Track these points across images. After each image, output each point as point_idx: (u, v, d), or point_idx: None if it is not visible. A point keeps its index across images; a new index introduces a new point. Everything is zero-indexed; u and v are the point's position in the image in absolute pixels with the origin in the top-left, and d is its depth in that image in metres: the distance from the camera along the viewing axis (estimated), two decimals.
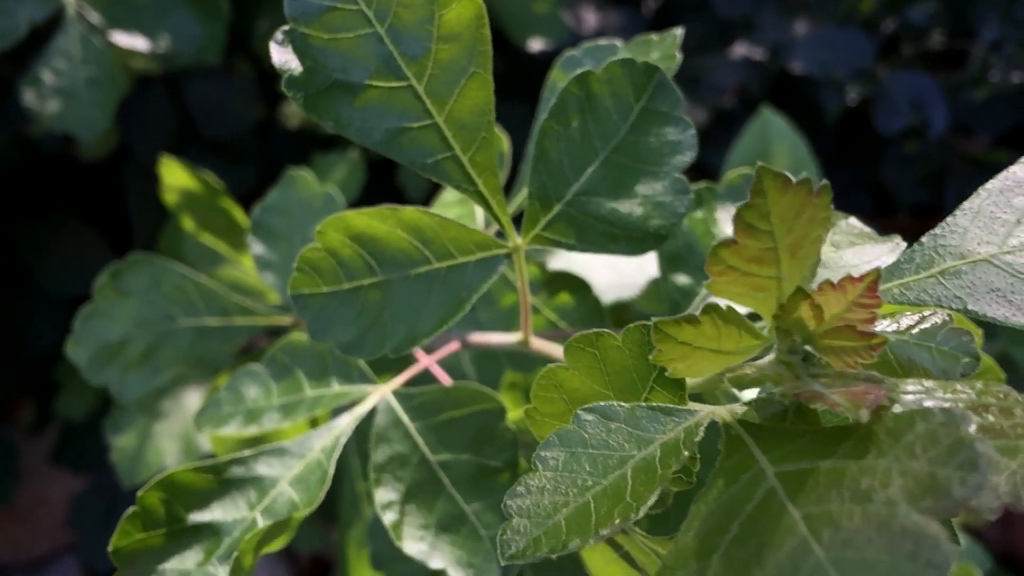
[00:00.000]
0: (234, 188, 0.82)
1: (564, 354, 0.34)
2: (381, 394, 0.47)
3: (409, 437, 0.46)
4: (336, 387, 0.49)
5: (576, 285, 0.53)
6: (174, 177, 0.74)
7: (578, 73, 0.42)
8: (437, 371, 0.50)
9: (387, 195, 0.97)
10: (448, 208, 0.61)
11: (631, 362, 0.33)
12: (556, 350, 0.45)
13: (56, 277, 1.10)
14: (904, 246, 0.37)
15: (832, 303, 0.27)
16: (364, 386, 0.49)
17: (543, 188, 0.42)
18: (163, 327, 0.64)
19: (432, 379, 0.49)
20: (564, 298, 0.53)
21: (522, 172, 0.54)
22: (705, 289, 0.29)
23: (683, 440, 0.28)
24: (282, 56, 0.38)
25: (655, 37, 0.52)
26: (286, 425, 0.49)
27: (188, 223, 0.75)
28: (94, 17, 0.80)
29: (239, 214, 0.74)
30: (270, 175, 0.79)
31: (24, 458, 1.21)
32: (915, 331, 0.30)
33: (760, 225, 0.25)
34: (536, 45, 1.09)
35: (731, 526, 0.24)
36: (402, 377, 0.48)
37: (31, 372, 1.17)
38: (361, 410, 0.46)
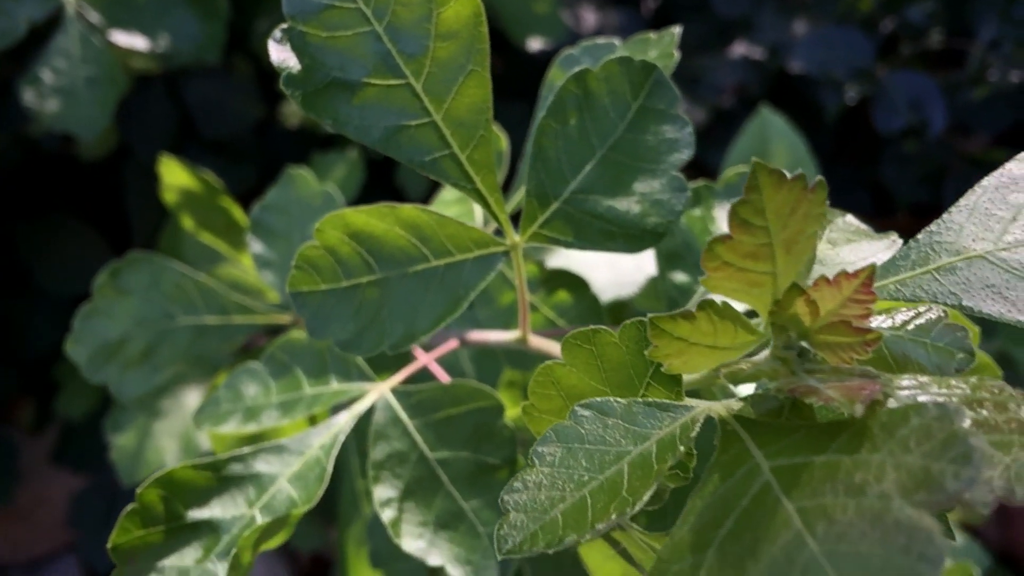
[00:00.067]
0: (234, 187, 0.82)
1: (561, 351, 0.34)
2: (380, 392, 0.47)
3: (408, 434, 0.46)
4: (335, 385, 0.49)
5: (574, 283, 0.53)
6: (173, 176, 0.74)
7: (576, 71, 0.42)
8: (435, 369, 0.50)
9: (386, 194, 0.97)
10: (447, 207, 0.61)
11: (628, 358, 0.33)
12: (554, 348, 0.45)
13: (56, 277, 1.10)
14: (900, 243, 0.37)
15: (827, 299, 0.27)
16: (363, 384, 0.49)
17: (541, 186, 0.42)
18: (162, 326, 0.64)
19: (431, 377, 0.50)
20: (562, 296, 0.53)
21: (520, 170, 0.54)
22: (702, 287, 0.30)
23: (679, 436, 0.28)
24: (280, 54, 0.38)
25: (653, 36, 0.52)
26: (285, 423, 0.49)
27: (187, 222, 0.75)
28: (93, 16, 0.80)
29: (238, 213, 0.74)
30: (269, 174, 0.79)
31: (24, 458, 1.21)
32: (910, 327, 0.30)
33: (755, 221, 0.25)
34: (535, 45, 1.09)
35: (726, 520, 0.24)
36: (401, 375, 0.49)
37: (31, 372, 1.17)
38: (360, 408, 0.46)
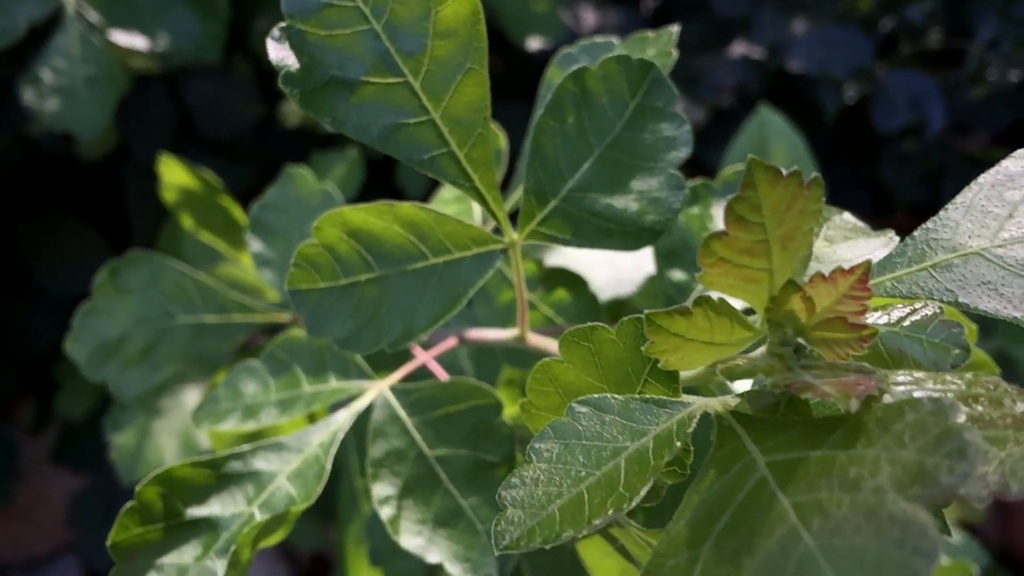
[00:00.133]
0: (233, 187, 0.82)
1: (559, 348, 0.35)
2: (378, 390, 0.47)
3: (406, 432, 0.46)
4: (334, 383, 0.50)
5: (573, 281, 0.53)
6: (173, 175, 0.74)
7: (574, 69, 0.42)
8: (434, 367, 0.50)
9: (386, 194, 0.97)
10: (446, 205, 0.61)
11: (625, 355, 0.33)
12: (552, 346, 0.46)
13: (56, 276, 1.10)
14: (897, 240, 0.37)
15: (823, 295, 0.27)
16: (361, 382, 0.49)
17: (539, 184, 0.42)
18: (162, 324, 0.64)
19: (430, 375, 0.50)
20: (561, 294, 0.53)
21: (519, 169, 0.54)
22: (700, 284, 0.30)
23: (676, 431, 0.29)
24: (279, 53, 0.39)
25: (651, 34, 0.52)
26: (284, 421, 0.49)
27: (187, 221, 0.75)
28: (93, 16, 0.80)
29: (238, 212, 0.74)
30: (269, 174, 0.79)
31: (24, 457, 1.21)
32: (906, 323, 0.30)
33: (751, 217, 0.25)
34: (535, 44, 1.09)
35: (722, 515, 0.24)
36: (399, 373, 0.49)
37: (31, 371, 1.17)
38: (359, 405, 0.47)
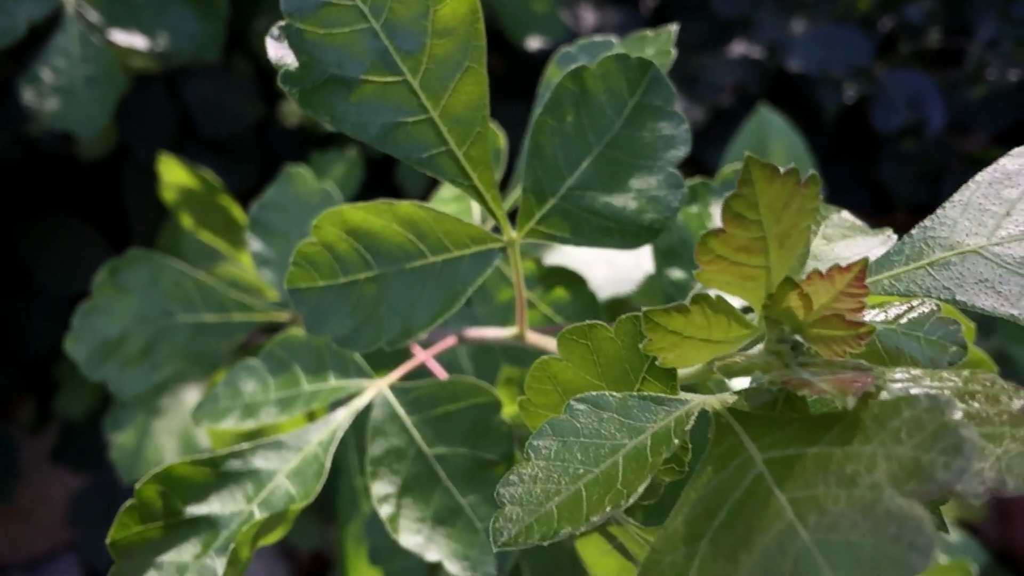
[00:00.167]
0: (233, 186, 0.82)
1: (558, 346, 0.35)
2: (378, 388, 0.48)
3: (405, 431, 0.46)
4: (333, 381, 0.50)
5: (572, 280, 0.53)
6: (173, 175, 0.74)
7: (572, 68, 0.42)
8: (433, 365, 0.50)
9: (386, 193, 0.97)
10: (445, 205, 0.61)
11: (624, 353, 0.33)
12: (551, 344, 0.46)
13: (55, 276, 1.11)
14: (895, 239, 0.37)
15: (820, 292, 0.27)
16: (361, 380, 0.49)
17: (538, 182, 0.42)
18: (161, 323, 0.64)
19: (429, 374, 0.50)
20: (560, 293, 0.53)
21: (518, 168, 0.54)
22: (699, 283, 0.30)
23: (674, 429, 0.29)
24: (278, 51, 0.39)
25: (650, 33, 0.52)
26: (283, 419, 0.49)
27: (187, 221, 0.75)
28: (93, 16, 0.81)
29: (237, 211, 0.74)
30: (269, 173, 0.79)
31: (24, 456, 1.21)
32: (903, 320, 0.30)
33: (748, 214, 0.25)
34: (535, 44, 1.09)
35: (719, 511, 0.25)
36: (399, 372, 0.49)
37: (31, 371, 1.17)
38: (358, 404, 0.47)
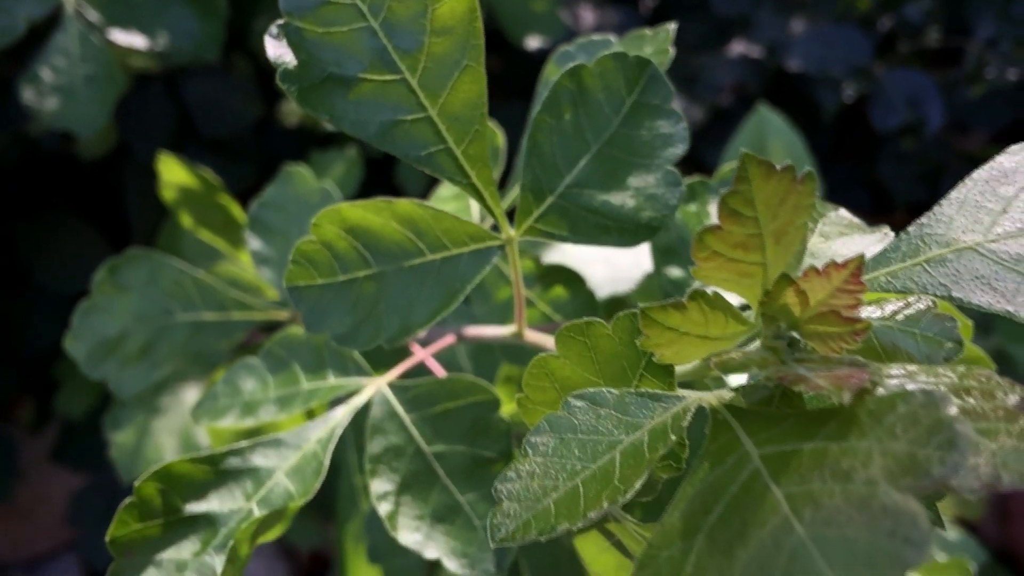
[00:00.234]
0: (233, 186, 0.82)
1: (555, 343, 0.35)
2: (377, 386, 0.48)
3: (404, 428, 0.46)
4: (332, 380, 0.50)
5: (570, 278, 0.53)
6: (172, 174, 0.74)
7: (571, 67, 0.42)
8: (432, 364, 0.50)
9: (385, 193, 0.97)
10: (444, 203, 0.61)
11: (621, 350, 0.33)
12: (550, 342, 0.46)
13: (55, 275, 1.11)
14: (892, 236, 0.37)
15: (817, 289, 0.27)
16: (360, 378, 0.49)
17: (536, 180, 0.42)
18: (161, 322, 0.64)
19: (428, 372, 0.50)
20: (558, 291, 0.53)
21: (516, 166, 0.55)
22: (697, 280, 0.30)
23: (671, 425, 0.29)
24: (277, 50, 0.39)
25: (648, 32, 0.52)
26: (282, 417, 0.49)
27: (186, 220, 0.75)
28: (92, 15, 0.81)
29: (237, 210, 0.74)
30: (268, 173, 0.79)
31: (24, 456, 1.21)
32: (899, 317, 0.30)
33: (745, 211, 0.25)
34: (534, 43, 1.09)
35: (716, 507, 0.25)
36: (398, 370, 0.49)
37: (31, 370, 1.17)
38: (357, 402, 0.47)
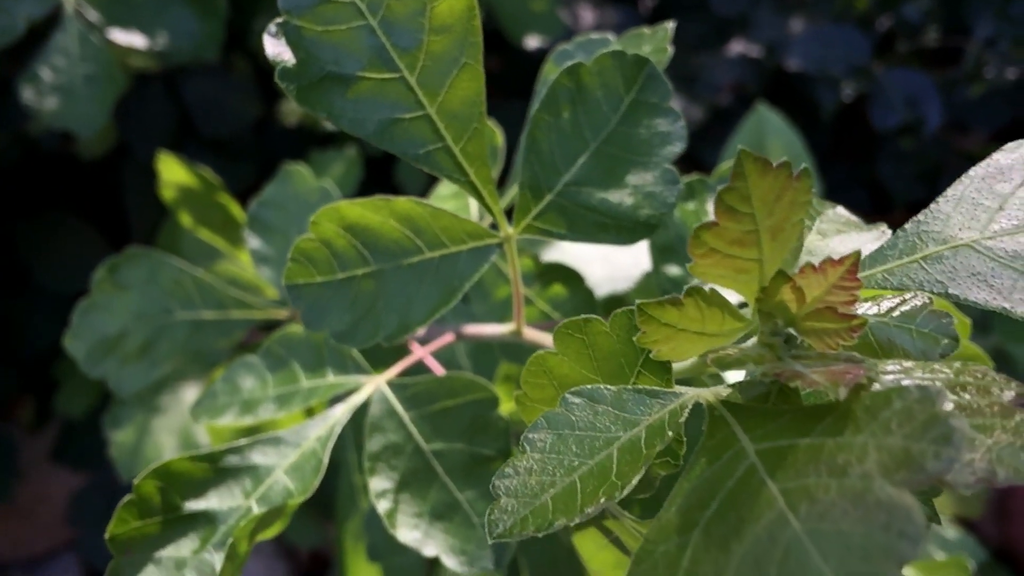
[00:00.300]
0: (232, 186, 0.82)
1: (553, 340, 0.35)
2: (376, 384, 0.48)
3: (403, 426, 0.46)
4: (331, 378, 0.50)
5: (569, 276, 0.54)
6: (172, 173, 0.74)
7: (569, 65, 0.42)
8: (431, 362, 0.50)
9: (385, 192, 0.97)
10: (443, 202, 0.61)
11: (619, 347, 0.34)
12: (548, 340, 0.46)
13: (55, 275, 1.11)
14: (890, 234, 0.37)
15: (813, 285, 0.27)
16: (359, 377, 0.49)
17: (534, 178, 0.43)
18: (160, 320, 0.64)
19: (427, 371, 0.50)
20: (557, 289, 0.53)
21: (515, 165, 0.55)
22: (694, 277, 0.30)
23: (668, 421, 0.29)
24: (275, 48, 0.39)
25: (647, 31, 0.52)
26: (281, 415, 0.49)
27: (186, 219, 0.75)
28: (92, 15, 0.81)
29: (236, 209, 0.74)
30: (268, 172, 0.80)
31: (24, 455, 1.22)
32: (896, 313, 0.30)
33: (741, 207, 0.26)
34: (533, 43, 1.10)
35: (712, 502, 0.25)
36: (397, 368, 0.49)
37: (30, 370, 1.17)
38: (356, 400, 0.47)
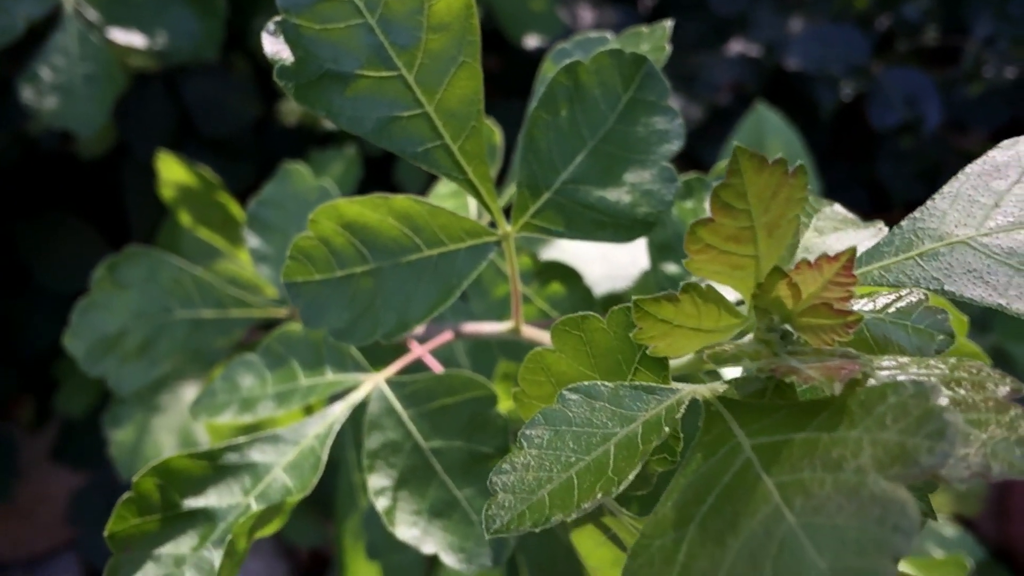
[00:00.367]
0: (232, 185, 0.82)
1: (551, 337, 0.35)
2: (374, 382, 0.48)
3: (402, 424, 0.47)
4: (330, 376, 0.50)
5: (567, 275, 0.54)
6: (171, 172, 0.74)
7: (567, 63, 0.42)
8: (430, 360, 0.50)
9: (384, 191, 0.97)
10: (442, 201, 0.61)
11: (616, 344, 0.34)
12: (546, 338, 0.46)
13: (55, 274, 1.11)
14: (886, 231, 0.37)
15: (809, 282, 0.27)
16: (358, 374, 0.49)
17: (532, 176, 0.43)
18: (160, 319, 0.64)
19: (426, 369, 0.50)
20: (555, 288, 0.53)
21: (513, 163, 0.55)
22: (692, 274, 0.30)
23: (664, 417, 0.29)
24: (274, 46, 0.39)
25: (645, 30, 0.53)
26: (280, 413, 0.49)
27: (185, 218, 0.75)
28: (92, 14, 0.81)
29: (235, 209, 0.75)
30: (267, 172, 0.80)
31: (24, 455, 1.22)
32: (891, 310, 0.30)
33: (737, 204, 0.26)
34: (532, 42, 1.10)
35: (708, 497, 0.25)
36: (396, 366, 0.49)
37: (30, 369, 1.17)
38: (355, 398, 0.47)
